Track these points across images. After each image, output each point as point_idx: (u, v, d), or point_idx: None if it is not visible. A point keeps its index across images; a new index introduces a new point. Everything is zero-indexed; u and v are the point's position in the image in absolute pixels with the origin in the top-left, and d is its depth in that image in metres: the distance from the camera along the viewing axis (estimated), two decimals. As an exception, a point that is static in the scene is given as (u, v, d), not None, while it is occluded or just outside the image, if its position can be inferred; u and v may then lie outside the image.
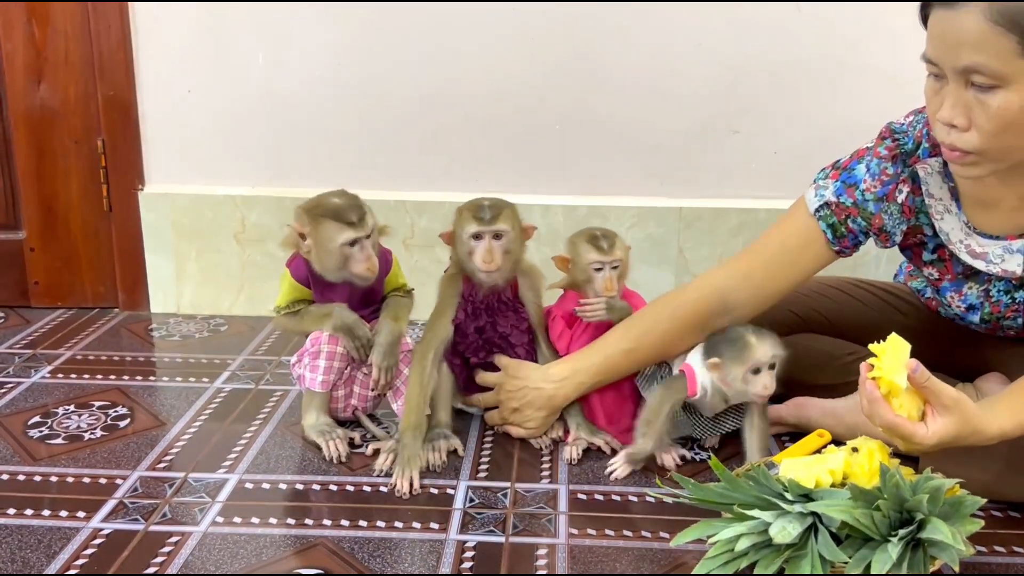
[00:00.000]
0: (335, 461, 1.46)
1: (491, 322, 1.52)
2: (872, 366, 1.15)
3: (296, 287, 1.49)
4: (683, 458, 1.47)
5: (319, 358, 1.48)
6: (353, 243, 1.42)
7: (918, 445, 1.15)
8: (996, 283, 1.39)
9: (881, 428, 1.16)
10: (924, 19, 1.19)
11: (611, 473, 1.44)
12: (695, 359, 1.43)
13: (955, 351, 1.51)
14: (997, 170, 1.22)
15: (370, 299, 1.53)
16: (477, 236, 1.45)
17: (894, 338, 1.16)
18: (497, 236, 1.45)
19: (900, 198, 1.37)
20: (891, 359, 1.14)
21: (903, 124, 1.37)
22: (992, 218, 1.34)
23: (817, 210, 1.40)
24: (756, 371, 1.36)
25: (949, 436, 1.13)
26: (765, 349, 1.35)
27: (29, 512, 1.32)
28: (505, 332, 1.53)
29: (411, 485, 1.38)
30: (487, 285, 1.49)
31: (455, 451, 1.50)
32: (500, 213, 1.46)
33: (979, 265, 1.36)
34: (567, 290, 1.56)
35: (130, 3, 2.03)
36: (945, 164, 1.33)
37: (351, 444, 1.51)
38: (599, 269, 1.50)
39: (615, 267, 1.50)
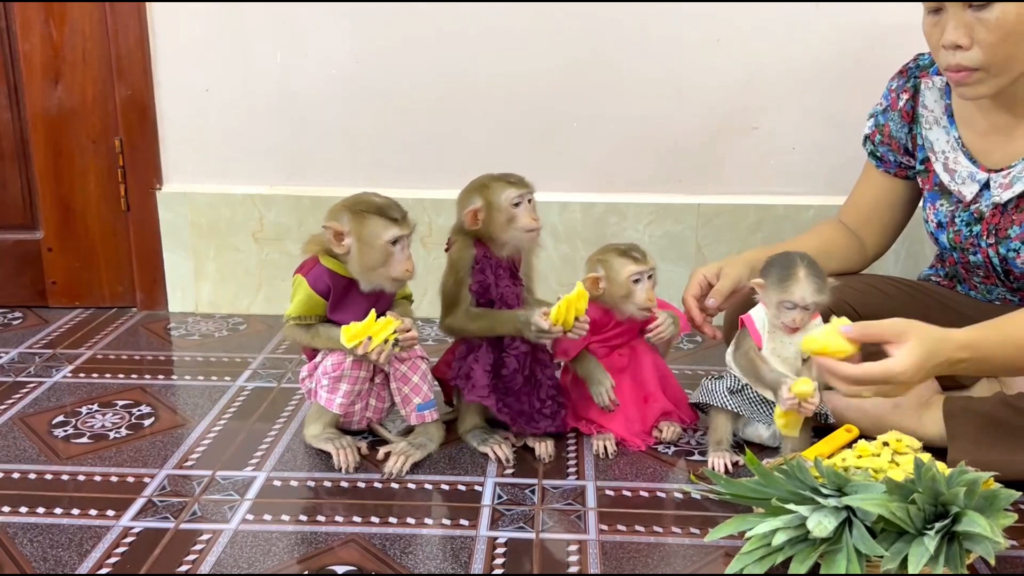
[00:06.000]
0: (345, 471, 1.44)
1: (495, 281, 1.51)
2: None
3: (312, 298, 1.44)
4: (735, 464, 1.45)
5: (341, 382, 1.45)
6: (396, 241, 1.41)
7: (901, 379, 1.17)
8: (961, 212, 1.50)
9: (853, 388, 1.20)
10: None
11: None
12: (755, 309, 1.42)
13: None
14: (1001, 85, 1.36)
15: (380, 314, 1.48)
16: (518, 202, 1.46)
17: (827, 328, 1.24)
18: (530, 200, 1.48)
19: (900, 104, 1.58)
20: (827, 340, 1.22)
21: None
22: (974, 140, 1.49)
23: (864, 146, 1.66)
24: (792, 307, 1.35)
25: (923, 354, 1.16)
26: (802, 292, 1.34)
27: (58, 511, 1.32)
28: (504, 293, 1.51)
29: None
30: (514, 250, 1.51)
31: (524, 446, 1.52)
32: (524, 177, 1.49)
33: (945, 179, 1.52)
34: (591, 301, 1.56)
35: (148, 3, 2.03)
36: (948, 84, 1.49)
37: (358, 452, 1.48)
38: (638, 280, 1.49)
39: (650, 276, 1.50)
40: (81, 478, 1.42)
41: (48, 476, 1.43)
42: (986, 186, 1.48)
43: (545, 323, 1.42)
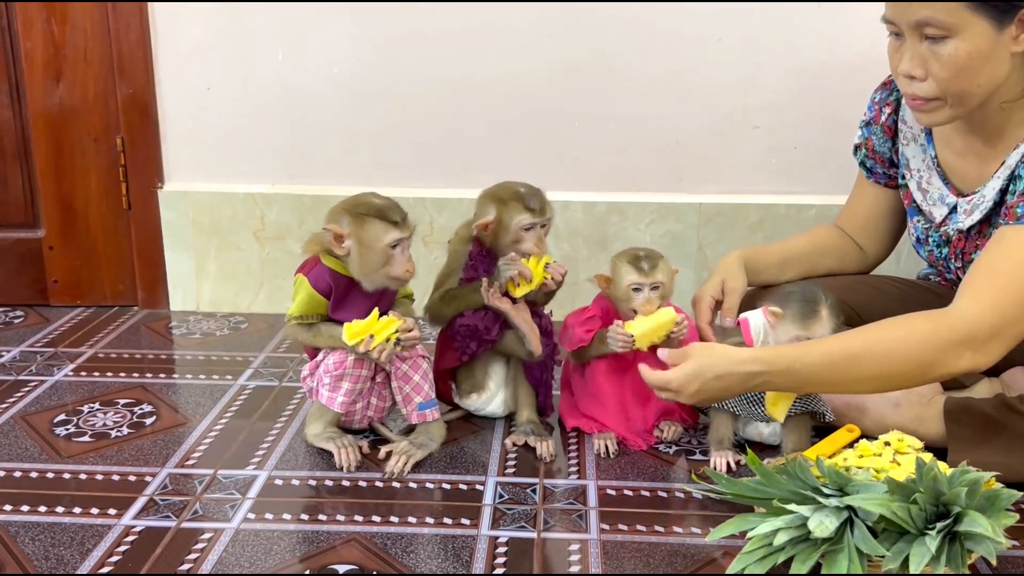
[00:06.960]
0: (347, 470, 1.43)
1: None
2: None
3: (314, 297, 1.44)
4: (737, 463, 1.44)
5: (343, 380, 1.45)
6: (396, 244, 1.41)
7: (674, 387, 1.29)
8: (934, 233, 1.51)
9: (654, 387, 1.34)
10: None
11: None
12: (753, 313, 1.44)
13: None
14: (959, 115, 1.35)
15: (383, 313, 1.49)
16: (529, 227, 1.49)
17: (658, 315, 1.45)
18: (543, 225, 1.51)
19: (882, 119, 1.58)
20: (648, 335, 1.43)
21: None
22: (951, 160, 1.47)
23: (855, 155, 1.65)
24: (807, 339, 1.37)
25: (695, 367, 1.28)
26: (822, 332, 1.37)
27: (60, 510, 1.32)
28: None
29: None
30: None
31: (534, 449, 1.51)
32: (546, 203, 1.51)
33: (918, 198, 1.53)
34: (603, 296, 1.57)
35: (149, 2, 2.03)
36: None
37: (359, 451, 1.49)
38: (638, 290, 1.49)
39: (655, 288, 1.49)
40: (83, 477, 1.42)
41: (49, 475, 1.43)
42: (954, 210, 1.47)
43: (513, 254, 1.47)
